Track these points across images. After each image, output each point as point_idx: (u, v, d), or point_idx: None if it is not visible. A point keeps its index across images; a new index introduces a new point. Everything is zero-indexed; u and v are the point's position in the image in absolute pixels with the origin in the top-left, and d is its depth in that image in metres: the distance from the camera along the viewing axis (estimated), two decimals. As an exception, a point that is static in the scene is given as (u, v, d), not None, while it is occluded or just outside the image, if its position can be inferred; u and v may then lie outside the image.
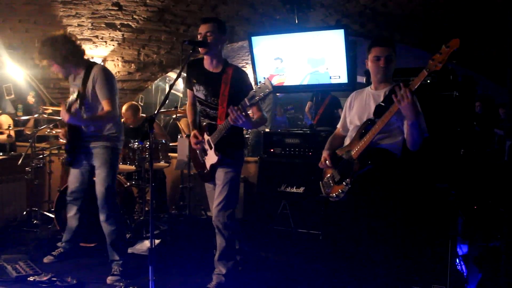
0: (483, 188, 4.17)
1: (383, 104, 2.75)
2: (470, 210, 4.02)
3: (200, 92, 3.32)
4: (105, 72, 3.55)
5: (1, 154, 5.43)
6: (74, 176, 3.78)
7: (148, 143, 4.50)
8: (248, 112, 3.01)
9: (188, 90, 3.51)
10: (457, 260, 3.43)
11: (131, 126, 5.26)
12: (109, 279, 3.44)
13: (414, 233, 3.25)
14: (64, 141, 3.74)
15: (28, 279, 3.40)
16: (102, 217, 3.58)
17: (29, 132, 5.17)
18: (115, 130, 3.64)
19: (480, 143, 6.34)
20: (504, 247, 3.10)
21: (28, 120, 6.02)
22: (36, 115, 5.40)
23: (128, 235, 4.47)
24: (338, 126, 3.18)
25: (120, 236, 3.64)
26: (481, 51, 4.88)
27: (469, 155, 4.47)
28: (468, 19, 4.73)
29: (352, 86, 4.66)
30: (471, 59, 4.86)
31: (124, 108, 5.18)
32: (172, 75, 7.50)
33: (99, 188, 3.55)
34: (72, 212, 3.91)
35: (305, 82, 5.03)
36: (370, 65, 2.87)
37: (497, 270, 3.23)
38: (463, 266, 3.51)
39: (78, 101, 3.42)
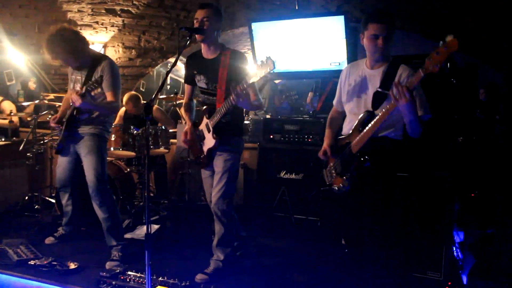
0: (480, 175, 4.18)
1: (380, 89, 2.64)
2: (467, 197, 4.04)
3: (201, 81, 3.33)
4: (113, 66, 3.62)
5: (3, 139, 5.47)
6: (61, 164, 3.84)
7: (143, 130, 4.55)
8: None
9: (186, 85, 3.51)
10: (454, 247, 3.45)
11: (133, 114, 5.28)
12: (108, 264, 3.49)
13: (410, 220, 3.27)
14: (53, 126, 3.77)
15: (29, 262, 3.45)
16: (95, 204, 3.62)
17: (29, 118, 5.18)
18: (104, 117, 3.71)
19: (482, 130, 6.33)
20: (498, 233, 3.11)
21: (27, 106, 6.05)
22: (37, 101, 5.42)
23: (128, 221, 4.52)
24: (334, 103, 3.07)
25: (115, 221, 3.67)
26: (484, 38, 4.83)
27: (468, 142, 4.48)
28: (471, 5, 4.69)
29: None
30: (474, 46, 4.81)
31: (124, 99, 5.19)
32: (173, 60, 7.48)
33: (89, 176, 3.59)
34: (64, 199, 3.99)
35: (305, 69, 5.02)
36: (365, 42, 2.65)
37: (491, 256, 3.26)
38: (459, 253, 3.54)
39: (84, 89, 3.44)
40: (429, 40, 5.07)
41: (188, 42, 3.10)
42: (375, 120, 2.60)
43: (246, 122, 5.97)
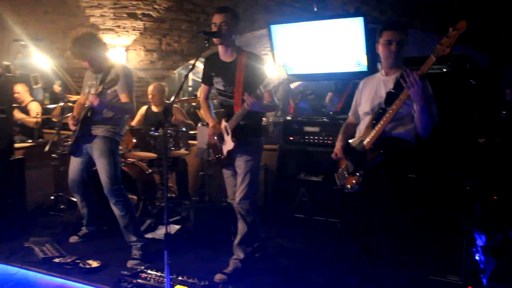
0: (504, 177, 4.11)
1: (393, 91, 2.73)
2: (489, 200, 3.98)
3: (219, 83, 3.40)
4: (127, 70, 3.80)
5: (30, 141, 5.63)
6: (73, 165, 3.96)
7: (162, 131, 4.62)
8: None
9: (203, 85, 3.60)
10: (475, 251, 3.41)
11: (154, 109, 5.39)
12: (130, 263, 3.57)
13: (430, 222, 3.25)
14: (73, 128, 3.88)
15: (54, 260, 3.58)
16: (111, 202, 3.75)
17: (55, 120, 5.34)
18: (117, 118, 3.82)
19: (507, 131, 6.20)
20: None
21: (54, 108, 6.20)
22: (62, 104, 5.56)
23: (150, 221, 4.60)
24: (350, 114, 3.18)
25: (131, 218, 3.79)
26: (506, 37, 4.76)
27: (491, 144, 4.41)
28: (491, 4, 4.62)
29: (372, 74, 4.62)
30: (493, 45, 4.75)
31: (151, 87, 5.36)
32: (197, 63, 7.58)
33: (103, 177, 3.72)
34: (78, 200, 4.11)
35: (324, 71, 5.02)
36: (381, 49, 2.83)
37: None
38: (482, 257, 3.49)
39: (101, 87, 3.57)
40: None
41: (206, 44, 3.17)
42: (386, 114, 2.69)
43: (267, 123, 6.03)
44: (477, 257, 3.37)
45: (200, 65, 3.73)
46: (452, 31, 2.42)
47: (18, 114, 5.85)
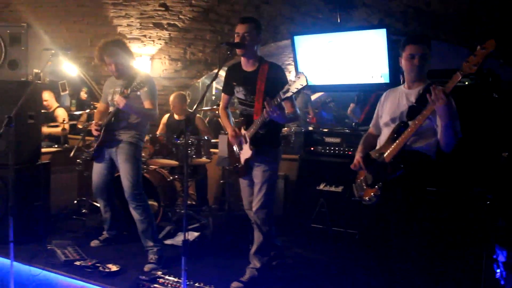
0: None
1: (415, 104, 2.70)
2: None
3: (240, 93, 3.43)
4: (150, 78, 3.91)
5: (56, 146, 5.78)
6: (97, 170, 4.04)
7: (183, 140, 4.67)
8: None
9: (223, 94, 3.64)
10: (496, 267, 3.34)
11: (176, 117, 5.47)
12: (147, 267, 3.63)
13: (449, 237, 3.20)
14: (96, 134, 3.96)
15: (75, 263, 3.65)
16: (131, 207, 3.82)
17: (80, 126, 5.48)
18: (141, 124, 3.91)
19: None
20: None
21: (80, 115, 6.36)
22: (88, 110, 5.70)
23: (169, 227, 4.66)
24: (371, 125, 3.16)
25: (150, 223, 3.85)
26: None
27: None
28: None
29: (394, 86, 4.60)
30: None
31: (171, 97, 5.45)
32: (220, 72, 7.67)
33: (125, 182, 3.78)
34: (102, 206, 4.19)
35: (347, 82, 5.02)
36: (404, 63, 2.80)
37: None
38: (503, 273, 3.41)
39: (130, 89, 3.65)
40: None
41: (229, 55, 3.20)
42: (408, 128, 2.66)
43: (288, 133, 6.05)
44: (498, 273, 3.30)
45: (223, 73, 3.77)
46: (480, 49, 2.32)
47: (45, 129, 6.00)
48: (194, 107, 3.10)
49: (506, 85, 3.69)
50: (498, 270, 3.35)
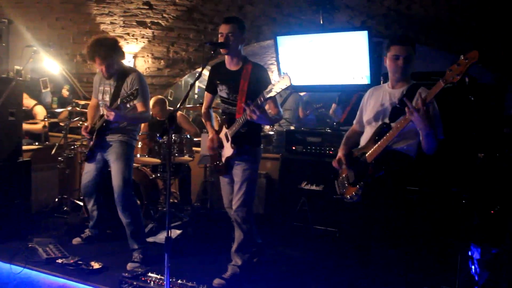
0: (502, 192, 4.14)
1: (398, 106, 2.76)
2: (486, 214, 4.01)
3: (223, 91, 3.47)
4: (142, 77, 3.83)
5: (36, 143, 5.72)
6: (88, 171, 4.02)
7: (167, 138, 4.67)
8: (266, 108, 3.13)
9: (206, 93, 3.66)
10: (471, 264, 3.45)
11: (158, 118, 5.47)
12: (129, 266, 3.64)
13: (427, 235, 3.29)
14: (87, 136, 3.95)
15: (57, 261, 3.64)
16: (119, 209, 3.76)
17: (62, 124, 5.44)
18: (132, 127, 3.88)
19: (508, 146, 6.22)
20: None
21: (60, 112, 6.31)
22: (69, 108, 5.67)
23: (151, 225, 4.67)
24: (355, 122, 3.20)
25: (137, 226, 3.82)
26: (503, 53, 4.83)
27: (490, 159, 4.44)
28: (494, 21, 4.70)
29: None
30: (495, 61, 4.81)
31: (152, 101, 5.36)
32: (204, 72, 7.67)
33: (116, 181, 3.75)
34: (90, 204, 4.17)
35: (328, 83, 5.10)
36: (388, 63, 2.84)
37: (505, 272, 3.25)
38: (477, 269, 3.52)
39: (120, 101, 3.60)
40: (453, 55, 5.09)
41: (213, 54, 3.22)
42: (390, 131, 2.71)
43: (270, 133, 6.10)
44: (472, 269, 3.41)
45: (206, 73, 3.79)
46: (463, 59, 2.37)
47: (25, 126, 5.92)
48: (178, 106, 3.13)
49: (482, 87, 3.79)
50: (473, 267, 3.46)
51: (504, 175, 4.35)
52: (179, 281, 3.17)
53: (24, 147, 5.11)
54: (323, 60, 4.99)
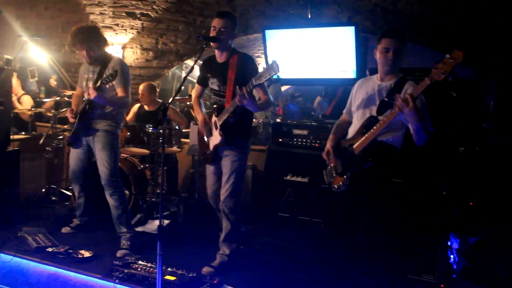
0: (481, 184, 4.31)
1: (386, 99, 2.83)
2: (465, 206, 4.17)
3: (214, 84, 3.53)
4: (124, 64, 3.94)
5: (23, 133, 5.71)
6: (74, 156, 4.09)
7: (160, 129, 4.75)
8: (254, 95, 3.20)
9: (197, 85, 3.75)
10: (450, 253, 3.59)
11: (146, 108, 5.51)
12: (119, 253, 3.72)
13: (409, 225, 3.41)
14: (72, 121, 4.01)
15: (47, 250, 3.68)
16: (107, 193, 3.90)
17: (49, 114, 5.43)
18: (116, 112, 3.96)
19: (487, 141, 6.40)
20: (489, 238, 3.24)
21: (47, 101, 6.29)
22: (57, 98, 5.66)
23: (140, 215, 4.72)
24: (344, 112, 3.27)
25: (124, 210, 3.94)
26: (485, 50, 4.96)
27: (470, 153, 4.60)
28: (477, 19, 4.82)
29: (360, 81, 4.81)
30: (477, 58, 4.95)
31: (141, 87, 5.46)
32: (189, 62, 7.67)
33: (102, 169, 3.86)
34: (77, 191, 4.24)
35: (315, 76, 5.18)
36: (378, 55, 2.89)
37: (481, 261, 3.41)
38: (456, 258, 3.67)
39: (100, 82, 3.69)
40: (437, 52, 5.21)
41: (204, 47, 3.26)
42: (377, 124, 2.80)
43: (255, 125, 6.17)
44: (451, 258, 3.56)
45: (190, 63, 3.86)
46: (449, 58, 2.44)
47: (16, 104, 5.93)
48: (171, 99, 3.19)
49: (464, 83, 3.92)
50: (452, 256, 3.61)
51: (483, 168, 4.52)
52: (169, 269, 3.24)
53: (13, 137, 5.10)
54: (310, 54, 5.07)
